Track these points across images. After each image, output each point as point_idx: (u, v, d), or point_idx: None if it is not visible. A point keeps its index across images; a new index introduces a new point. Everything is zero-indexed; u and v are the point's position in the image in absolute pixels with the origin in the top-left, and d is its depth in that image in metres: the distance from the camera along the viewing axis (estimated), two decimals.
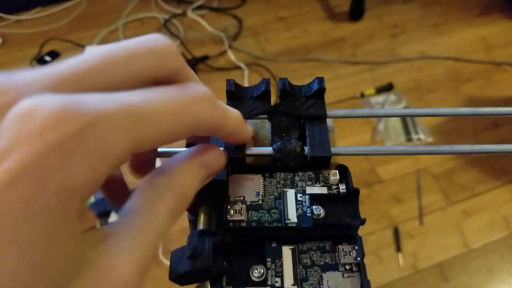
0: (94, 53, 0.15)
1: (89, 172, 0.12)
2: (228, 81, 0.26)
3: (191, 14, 1.39)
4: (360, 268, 0.20)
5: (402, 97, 1.17)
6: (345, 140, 1.08)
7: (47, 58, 1.28)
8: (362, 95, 1.18)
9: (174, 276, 0.23)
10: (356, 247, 0.21)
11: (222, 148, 0.20)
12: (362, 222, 0.21)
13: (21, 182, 0.11)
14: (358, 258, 0.20)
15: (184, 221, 0.80)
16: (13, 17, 1.40)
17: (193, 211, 0.26)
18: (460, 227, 0.95)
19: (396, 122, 1.10)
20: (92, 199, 0.98)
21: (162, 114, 0.14)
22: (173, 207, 0.16)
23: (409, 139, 1.08)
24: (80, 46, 1.30)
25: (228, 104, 0.25)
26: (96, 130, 0.12)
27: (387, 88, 1.18)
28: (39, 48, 1.31)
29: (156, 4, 1.44)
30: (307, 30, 1.39)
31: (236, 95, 0.25)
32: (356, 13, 1.40)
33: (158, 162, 0.22)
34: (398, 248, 0.91)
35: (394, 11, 1.45)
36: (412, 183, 1.02)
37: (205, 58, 1.25)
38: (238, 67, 1.25)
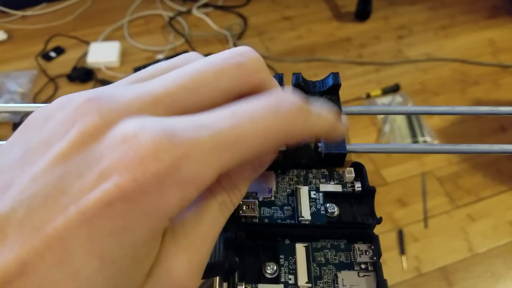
0: (182, 72, 0.15)
1: (179, 198, 0.13)
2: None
3: (196, 12, 1.39)
4: (376, 267, 0.19)
5: (408, 99, 1.17)
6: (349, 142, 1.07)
7: (52, 54, 1.27)
8: (368, 96, 1.17)
9: None
10: (373, 247, 0.20)
11: None
12: (379, 221, 0.20)
13: (117, 204, 0.12)
14: (375, 258, 0.19)
15: None
16: (19, 13, 1.40)
17: None
18: (465, 231, 0.94)
19: (402, 124, 1.10)
20: None
21: (253, 137, 0.14)
22: (224, 200, 0.16)
23: (415, 141, 1.07)
24: (85, 43, 1.30)
25: None
26: (189, 160, 0.13)
27: (393, 89, 1.18)
28: (44, 44, 1.31)
29: (161, 2, 1.44)
30: (312, 30, 1.38)
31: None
32: (362, 13, 1.39)
33: None
34: (402, 251, 0.90)
35: (401, 12, 1.45)
36: (417, 186, 1.01)
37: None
38: None
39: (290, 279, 0.19)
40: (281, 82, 0.24)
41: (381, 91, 1.17)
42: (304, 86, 0.25)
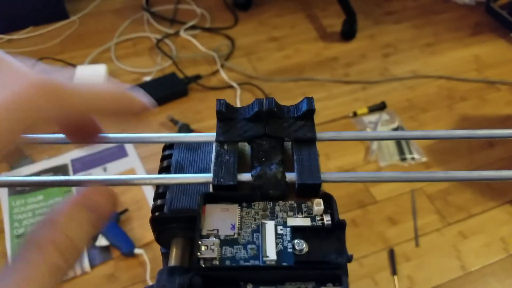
0: None
1: None
2: (218, 101, 0.24)
3: (183, 34, 1.39)
4: None
5: (395, 116, 1.17)
6: (338, 160, 1.06)
7: None
8: (355, 114, 1.17)
9: None
10: None
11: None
12: (349, 259, 0.19)
13: None
14: None
15: None
16: (6, 37, 1.39)
17: (165, 244, 0.24)
18: (457, 249, 0.93)
19: (389, 142, 1.09)
20: None
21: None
22: (56, 262, 0.14)
23: (403, 159, 1.06)
24: (72, 65, 1.29)
25: (218, 126, 0.24)
26: None
27: (380, 107, 1.18)
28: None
29: (149, 24, 1.44)
30: (300, 50, 1.39)
31: (227, 117, 0.23)
32: (348, 33, 1.41)
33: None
34: (394, 271, 0.89)
35: (386, 31, 1.46)
36: (407, 203, 1.00)
37: (197, 77, 1.24)
38: (231, 86, 1.24)
39: None
40: (261, 107, 0.23)
41: (367, 109, 1.17)
42: (277, 111, 0.24)
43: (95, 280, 0.87)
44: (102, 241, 0.89)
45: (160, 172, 0.25)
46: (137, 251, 0.88)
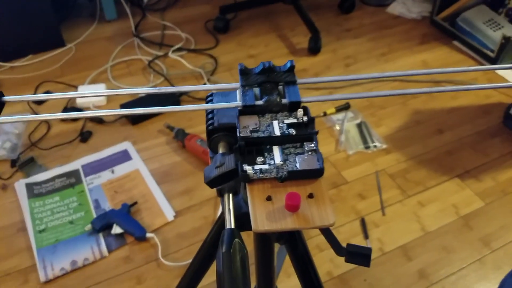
0: None
1: None
2: (240, 64, 0.42)
3: (172, 55, 1.57)
4: (316, 151, 0.35)
5: (358, 114, 1.37)
6: None
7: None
8: (325, 114, 1.36)
9: (208, 180, 0.38)
10: (313, 144, 0.36)
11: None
12: (316, 132, 0.37)
13: None
14: (315, 147, 0.36)
15: (179, 227, 1.02)
16: (8, 64, 1.53)
17: (214, 148, 0.42)
18: (417, 215, 1.12)
19: (355, 134, 1.29)
20: (93, 214, 1.09)
21: None
22: None
23: (367, 147, 1.26)
24: (73, 87, 1.45)
25: (241, 78, 0.41)
26: None
27: (345, 107, 1.38)
28: (34, 90, 1.44)
29: (140, 48, 1.62)
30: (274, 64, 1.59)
31: (245, 72, 0.41)
32: (314, 48, 1.62)
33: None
34: (366, 236, 1.06)
35: (347, 45, 1.69)
36: (373, 182, 1.19)
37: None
38: None
39: (271, 162, 0.35)
40: (264, 65, 0.41)
41: (335, 109, 1.37)
42: (273, 68, 0.42)
43: (113, 263, 1.00)
44: (117, 229, 1.03)
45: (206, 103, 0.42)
46: (148, 235, 1.03)
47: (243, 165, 0.35)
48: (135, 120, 1.31)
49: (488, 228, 1.08)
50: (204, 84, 1.47)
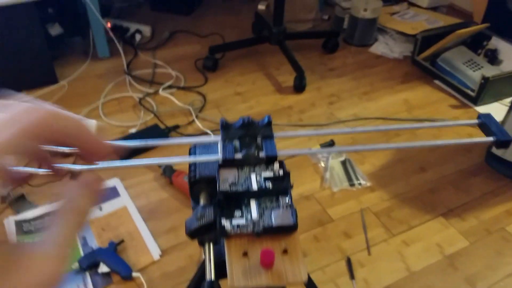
0: None
1: None
2: (221, 119, 0.44)
3: (162, 93, 1.61)
4: (291, 206, 0.37)
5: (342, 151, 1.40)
6: (299, 188, 1.27)
7: None
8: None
9: (188, 231, 0.40)
10: (287, 198, 0.38)
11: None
12: (291, 186, 0.39)
13: None
14: (290, 201, 0.38)
15: (165, 266, 1.02)
16: None
17: (195, 198, 0.43)
18: (402, 254, 1.13)
19: (339, 171, 1.32)
20: (81, 251, 1.08)
21: None
22: (75, 221, 0.25)
23: (352, 184, 1.28)
24: None
25: (221, 132, 0.44)
26: None
27: (330, 144, 1.42)
28: None
29: (131, 86, 1.65)
30: (260, 101, 1.64)
31: (226, 127, 0.44)
32: (299, 87, 1.68)
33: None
34: (352, 276, 1.06)
35: (330, 84, 1.75)
36: (358, 220, 1.20)
37: (176, 127, 1.44)
38: (205, 133, 1.45)
39: (248, 215, 0.37)
40: (244, 121, 0.44)
41: (320, 146, 1.40)
42: (252, 123, 0.44)
43: None
44: (103, 268, 1.02)
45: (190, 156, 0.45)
46: (134, 274, 1.02)
47: (222, 219, 0.36)
48: (125, 156, 1.32)
49: (473, 268, 1.09)
50: (192, 120, 1.50)
